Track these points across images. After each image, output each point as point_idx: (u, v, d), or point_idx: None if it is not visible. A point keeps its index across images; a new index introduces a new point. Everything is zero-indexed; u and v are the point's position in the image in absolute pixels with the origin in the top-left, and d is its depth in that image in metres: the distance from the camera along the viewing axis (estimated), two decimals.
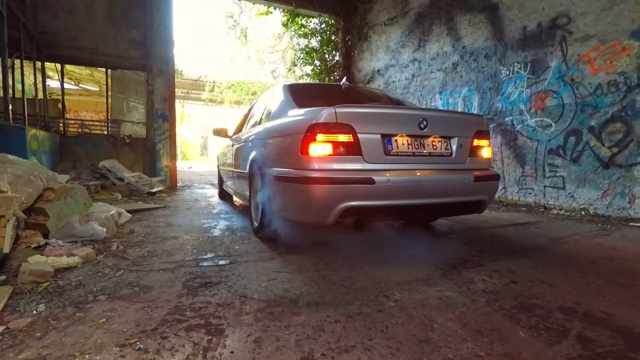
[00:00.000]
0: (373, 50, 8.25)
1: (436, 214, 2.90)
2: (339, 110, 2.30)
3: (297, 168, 2.38)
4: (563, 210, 4.57)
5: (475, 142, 2.74)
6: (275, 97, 3.36)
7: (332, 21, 9.37)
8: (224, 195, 5.56)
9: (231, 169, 4.35)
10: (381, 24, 7.94)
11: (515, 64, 5.18)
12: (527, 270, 2.27)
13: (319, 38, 9.61)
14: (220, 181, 5.58)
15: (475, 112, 5.76)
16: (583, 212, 4.38)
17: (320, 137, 2.28)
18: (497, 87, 5.46)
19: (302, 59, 9.90)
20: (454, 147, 2.63)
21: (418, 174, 2.46)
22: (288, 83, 3.48)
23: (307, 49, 9.75)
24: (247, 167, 3.35)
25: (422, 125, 2.48)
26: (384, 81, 7.88)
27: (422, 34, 6.85)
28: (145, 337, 1.39)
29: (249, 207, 3.41)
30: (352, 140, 2.32)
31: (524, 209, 4.90)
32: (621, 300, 1.79)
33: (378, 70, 8.08)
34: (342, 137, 2.30)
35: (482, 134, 2.78)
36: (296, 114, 2.68)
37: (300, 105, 2.83)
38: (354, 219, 2.50)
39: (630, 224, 3.80)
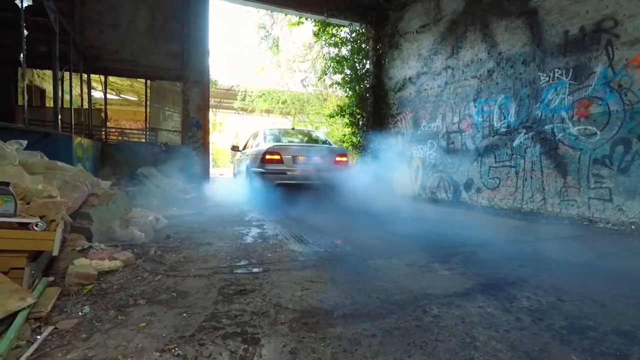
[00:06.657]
0: (404, 58, 8.18)
1: (317, 188, 5.97)
2: (275, 145, 5.95)
3: (261, 168, 5.77)
4: (610, 224, 4.29)
5: (337, 159, 6.12)
6: (260, 134, 6.82)
7: (363, 30, 9.36)
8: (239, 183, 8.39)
9: (239, 169, 7.89)
10: (413, 31, 7.87)
11: (556, 70, 4.96)
12: (574, 288, 2.13)
13: (350, 47, 9.61)
14: (233, 174, 9.52)
15: (512, 119, 5.57)
16: (633, 227, 4.09)
17: (267, 156, 5.73)
18: (536, 94, 5.25)
19: (333, 67, 9.92)
20: (326, 161, 6.01)
21: (311, 171, 5.77)
22: (266, 128, 7.00)
23: (337, 58, 9.76)
24: (245, 168, 6.77)
25: (310, 152, 5.94)
26: (416, 89, 7.77)
27: (455, 41, 6.72)
28: (184, 343, 1.41)
29: (247, 188, 6.68)
30: (280, 158, 5.74)
31: (566, 221, 4.64)
32: None
33: (409, 78, 7.98)
34: (276, 157, 5.74)
35: (341, 155, 6.22)
36: (262, 146, 6.12)
37: (266, 140, 6.39)
38: (281, 188, 5.69)
39: None
